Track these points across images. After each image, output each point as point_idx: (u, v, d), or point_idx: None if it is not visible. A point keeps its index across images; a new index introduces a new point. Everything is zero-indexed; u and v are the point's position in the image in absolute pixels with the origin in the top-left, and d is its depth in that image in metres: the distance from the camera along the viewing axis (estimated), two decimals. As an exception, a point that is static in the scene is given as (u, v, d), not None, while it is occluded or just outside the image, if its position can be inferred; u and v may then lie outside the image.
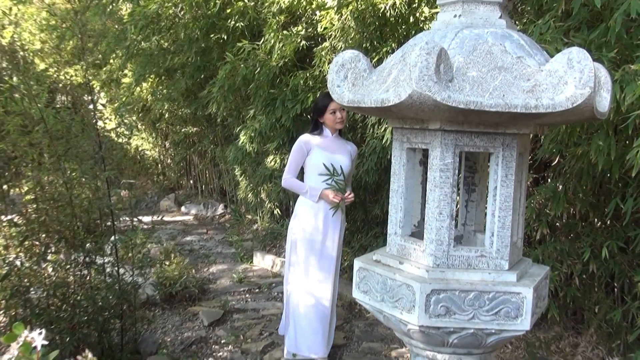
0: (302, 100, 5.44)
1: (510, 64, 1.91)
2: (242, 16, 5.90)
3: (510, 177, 2.06)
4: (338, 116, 3.85)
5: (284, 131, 6.00)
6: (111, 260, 4.26)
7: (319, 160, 3.83)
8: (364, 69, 2.17)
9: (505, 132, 2.02)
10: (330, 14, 4.96)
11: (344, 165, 3.85)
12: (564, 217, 4.26)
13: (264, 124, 5.97)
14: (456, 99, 1.79)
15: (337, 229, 3.96)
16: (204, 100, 7.28)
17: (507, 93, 1.83)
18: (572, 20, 3.18)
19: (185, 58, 7.10)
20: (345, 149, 3.93)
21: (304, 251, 3.92)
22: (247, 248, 7.50)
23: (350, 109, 2.23)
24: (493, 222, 2.08)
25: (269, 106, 5.89)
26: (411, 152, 2.22)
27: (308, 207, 3.90)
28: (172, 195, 10.90)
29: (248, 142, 6.27)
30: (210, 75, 7.31)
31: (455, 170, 2.05)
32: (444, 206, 2.05)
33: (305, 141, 3.88)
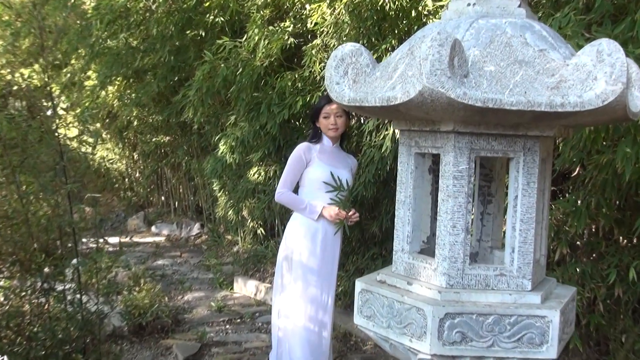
0: (290, 104, 5.43)
1: (532, 57, 1.92)
2: (223, 10, 5.90)
3: (533, 185, 2.06)
4: (331, 121, 3.79)
5: (270, 140, 5.98)
6: (73, 287, 4.19)
7: (320, 174, 3.79)
8: (366, 64, 2.16)
9: (526, 135, 2.02)
10: (321, 8, 4.97)
11: (345, 179, 3.83)
12: (586, 235, 4.27)
13: (246, 131, 5.95)
14: (473, 96, 1.79)
15: (337, 252, 3.93)
16: (179, 105, 7.25)
17: (530, 90, 1.83)
18: (594, 14, 3.20)
19: (158, 58, 7.09)
20: (346, 163, 3.91)
21: (298, 277, 3.86)
22: (227, 273, 7.44)
23: (351, 109, 2.22)
24: (514, 237, 2.08)
25: (252, 111, 5.87)
26: (420, 157, 2.21)
27: (304, 226, 3.85)
28: (141, 214, 10.81)
29: (228, 153, 6.24)
30: (185, 77, 7.29)
31: (470, 178, 2.04)
32: (458, 218, 2.03)
33: (306, 150, 3.84)
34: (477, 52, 1.92)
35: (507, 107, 1.80)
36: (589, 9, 3.36)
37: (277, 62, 5.70)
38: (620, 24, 3.06)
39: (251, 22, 5.49)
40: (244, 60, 5.55)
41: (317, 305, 3.88)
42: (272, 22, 5.63)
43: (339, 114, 3.77)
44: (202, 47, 6.26)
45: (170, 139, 9.71)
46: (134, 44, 7.43)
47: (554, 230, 4.16)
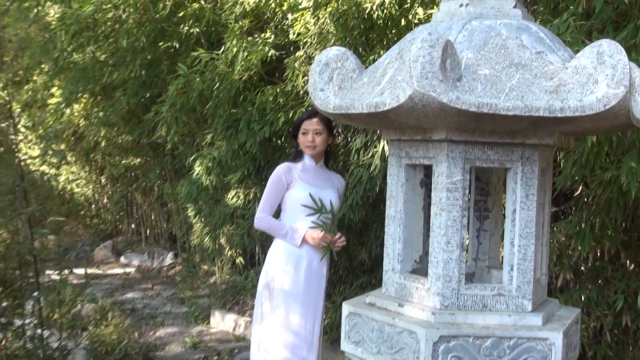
0: (271, 121, 5.45)
1: (529, 60, 1.95)
2: (198, 20, 5.93)
3: (532, 197, 2.07)
4: (308, 138, 3.77)
5: (249, 159, 5.99)
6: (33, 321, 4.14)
7: (302, 196, 3.75)
8: (352, 69, 2.18)
9: (524, 143, 2.04)
10: (304, 17, 5.02)
11: (332, 201, 3.80)
12: (590, 259, 4.29)
13: (224, 151, 5.96)
14: (466, 101, 1.81)
15: (323, 280, 3.89)
16: (150, 123, 7.24)
17: (527, 94, 1.86)
18: (595, 20, 3.27)
19: (128, 72, 7.09)
20: (332, 182, 3.88)
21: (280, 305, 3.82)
22: (203, 306, 7.38)
23: (336, 117, 2.23)
24: (512, 253, 2.09)
25: (230, 129, 5.88)
26: (411, 169, 2.23)
27: (286, 253, 3.81)
28: (109, 243, 10.73)
29: (204, 174, 6.22)
30: (158, 92, 7.30)
31: (465, 190, 2.05)
32: (453, 234, 2.04)
33: (286, 171, 3.81)
34: (470, 54, 1.95)
35: (503, 112, 1.82)
36: (589, 15, 3.42)
37: (257, 76, 5.73)
38: (623, 30, 3.12)
39: (229, 33, 5.53)
40: (222, 74, 5.57)
41: (300, 338, 3.82)
42: (251, 33, 5.67)
43: (318, 131, 3.75)
44: (176, 60, 6.27)
45: (141, 161, 9.69)
46: (102, 57, 7.44)
47: (556, 254, 4.17)
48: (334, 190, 3.84)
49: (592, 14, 3.33)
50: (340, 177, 4.06)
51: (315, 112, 3.65)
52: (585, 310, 4.07)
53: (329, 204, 3.73)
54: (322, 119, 3.68)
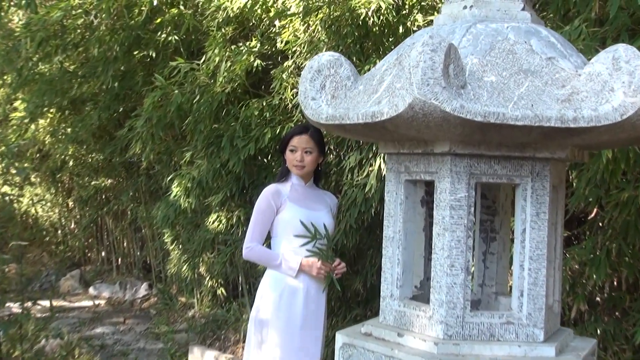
0: (256, 137, 5.45)
1: (539, 66, 1.97)
2: (177, 27, 5.96)
3: (543, 216, 2.08)
4: (297, 157, 3.73)
5: (233, 180, 5.98)
6: (-9, 356, 4.10)
7: (294, 220, 3.71)
8: (347, 77, 2.19)
9: (534, 157, 2.05)
10: (293, 24, 5.05)
11: (326, 223, 3.76)
12: (607, 289, 4.29)
13: (204, 170, 5.94)
14: (471, 110, 1.82)
15: (322, 309, 3.84)
16: (124, 140, 7.24)
17: (537, 102, 1.87)
18: (609, 27, 3.30)
19: (99, 84, 7.10)
20: (324, 202, 3.85)
21: (277, 347, 3.76)
22: (181, 342, 7.32)
23: (329, 129, 2.24)
24: (522, 277, 2.09)
25: (212, 146, 5.88)
26: (411, 185, 2.23)
27: (280, 285, 3.75)
28: (76, 272, 10.66)
29: (183, 196, 6.20)
30: (132, 106, 7.30)
31: (470, 208, 2.06)
32: (457, 256, 2.05)
33: (275, 194, 3.75)
34: (475, 60, 1.97)
35: (511, 122, 1.84)
36: (602, 22, 3.46)
37: (242, 88, 5.74)
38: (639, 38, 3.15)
39: (211, 41, 5.55)
40: (202, 86, 5.58)
41: None
42: (235, 41, 5.70)
43: (308, 150, 3.71)
44: (153, 70, 6.29)
45: (112, 182, 9.66)
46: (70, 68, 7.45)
47: (569, 282, 4.17)
48: (327, 210, 3.81)
49: (606, 21, 3.37)
50: (332, 195, 4.04)
51: (306, 128, 3.65)
52: (601, 344, 4.06)
53: (324, 228, 3.70)
54: (314, 136, 3.66)
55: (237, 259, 6.66)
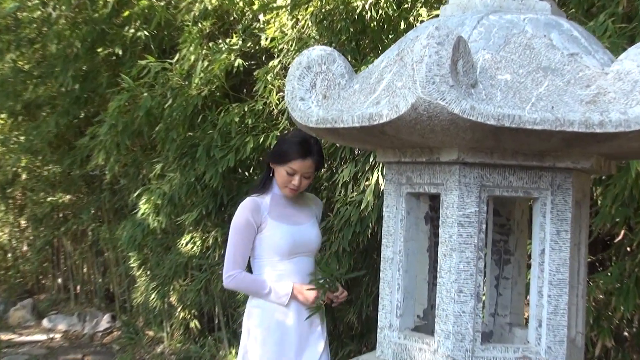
0: (236, 147, 5.44)
1: (561, 63, 1.97)
2: (147, 21, 5.95)
3: (564, 235, 2.07)
4: (294, 181, 3.66)
5: (209, 195, 5.96)
6: None
7: (277, 238, 3.65)
8: (340, 74, 2.19)
9: (555, 167, 2.04)
10: (280, 19, 5.05)
11: (313, 238, 3.76)
12: (636, 322, 4.29)
13: (177, 184, 5.93)
14: (483, 112, 1.81)
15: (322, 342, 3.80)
16: (84, 150, 7.21)
17: (558, 104, 1.86)
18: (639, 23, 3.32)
19: (58, 86, 7.09)
20: (308, 211, 3.84)
21: None
22: (148, 382, 7.28)
23: (320, 133, 2.23)
24: (540, 306, 2.08)
25: (185, 157, 5.87)
26: (413, 199, 2.22)
27: (268, 316, 3.72)
28: (28, 302, 10.60)
29: (152, 214, 6.18)
30: (95, 111, 7.29)
31: (481, 226, 2.05)
32: (466, 279, 2.03)
33: (254, 210, 3.68)
34: (488, 55, 1.96)
35: (528, 126, 1.83)
36: (630, 18, 3.47)
37: (220, 91, 5.74)
38: (673, 35, 3.17)
39: (185, 38, 5.55)
40: (176, 88, 5.57)
41: None
42: (213, 38, 5.70)
43: (308, 175, 3.69)
44: (119, 70, 6.28)
45: (71, 198, 9.63)
46: (25, 67, 7.43)
47: (593, 314, 4.17)
48: (312, 222, 3.78)
49: (635, 16, 3.38)
50: (316, 198, 4.01)
51: (310, 152, 3.54)
52: (629, 386, 4.06)
53: (313, 240, 3.71)
54: (316, 160, 3.58)
55: (214, 287, 6.63)
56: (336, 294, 3.66)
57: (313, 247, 3.76)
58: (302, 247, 3.71)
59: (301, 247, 3.71)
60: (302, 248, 3.71)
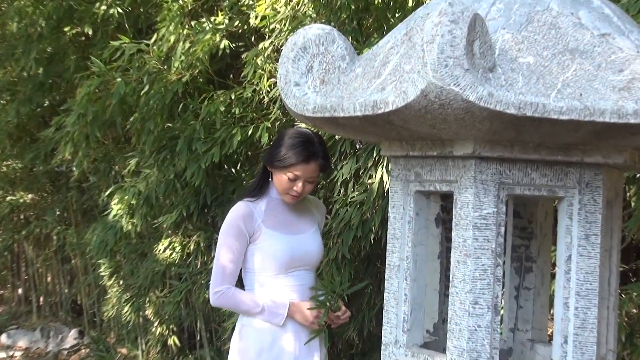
0: (222, 140, 5.43)
1: (590, 45, 1.97)
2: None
3: (594, 239, 2.07)
4: (297, 187, 3.58)
5: (190, 194, 5.96)
6: None
7: (274, 250, 3.60)
8: (341, 56, 2.19)
9: (583, 162, 2.05)
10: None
11: (314, 250, 3.71)
12: (675, 340, 4.30)
13: (154, 182, 5.92)
14: (503, 99, 1.81)
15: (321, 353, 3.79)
16: (49, 144, 7.20)
17: (588, 91, 1.86)
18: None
19: (19, 70, 7.07)
20: (309, 216, 3.76)
21: None
22: (120, 407, 7.29)
23: (318, 123, 2.23)
24: (566, 319, 2.08)
25: (164, 151, 5.86)
26: (423, 198, 2.22)
27: (261, 337, 3.70)
28: (-17, 316, 10.61)
29: (125, 216, 6.18)
30: (61, 99, 7.27)
31: (500, 228, 2.05)
32: (482, 289, 2.03)
33: (246, 217, 3.59)
34: (508, 35, 1.97)
35: (554, 115, 1.83)
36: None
37: (204, 77, 5.73)
38: None
39: (164, 16, 5.54)
40: (153, 73, 5.56)
41: None
42: (196, 16, 5.69)
43: (312, 179, 3.57)
44: (89, 52, 6.26)
45: (34, 197, 9.61)
46: (-21, 49, 7.42)
47: (625, 331, 4.18)
48: (314, 230, 3.72)
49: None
50: (316, 200, 3.96)
51: (314, 154, 3.43)
52: (665, 411, 4.07)
53: (314, 252, 3.68)
54: (322, 163, 3.49)
55: (195, 299, 6.62)
56: (338, 313, 3.62)
57: (314, 260, 3.72)
58: (302, 260, 3.65)
59: (300, 259, 3.65)
60: (302, 261, 3.66)
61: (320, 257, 3.79)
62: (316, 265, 3.78)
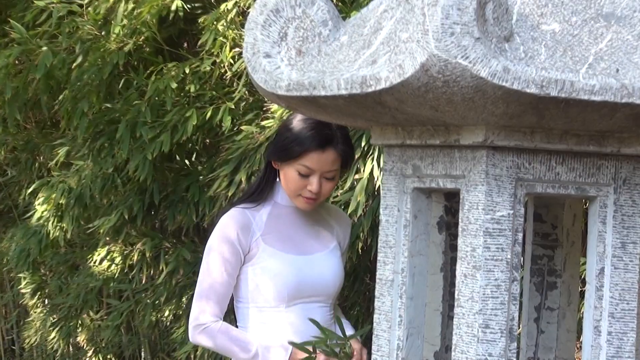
0: (173, 124, 5.43)
1: (630, 9, 1.98)
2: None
3: (632, 249, 2.09)
4: (312, 188, 3.42)
5: (134, 192, 5.96)
6: None
7: (275, 276, 3.50)
8: (322, 21, 2.19)
9: (619, 154, 2.06)
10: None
11: (329, 276, 3.57)
12: None
13: (89, 177, 5.92)
14: (521, 75, 1.82)
15: None
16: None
17: (626, 66, 1.88)
18: None
19: None
20: (326, 231, 3.60)
21: None
22: None
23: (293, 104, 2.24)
24: (598, 346, 2.10)
25: (101, 138, 5.86)
26: (422, 197, 2.24)
27: None
28: None
29: (52, 219, 6.18)
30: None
31: (517, 235, 2.06)
32: (494, 310, 2.05)
33: (242, 229, 3.41)
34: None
35: (584, 96, 1.84)
36: None
37: (151, 46, 5.74)
38: None
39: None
40: (88, 41, 5.56)
41: None
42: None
43: (330, 175, 3.44)
44: (6, 14, 6.25)
45: None
46: None
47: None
48: (331, 248, 3.58)
49: None
50: (338, 210, 3.86)
51: (331, 138, 3.33)
52: None
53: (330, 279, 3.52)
54: (342, 150, 3.37)
55: (139, 322, 6.63)
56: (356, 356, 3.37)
57: (329, 290, 3.56)
58: (312, 289, 3.49)
59: (311, 288, 3.49)
60: (312, 290, 3.49)
61: (339, 285, 3.61)
62: (332, 296, 3.59)
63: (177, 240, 6.28)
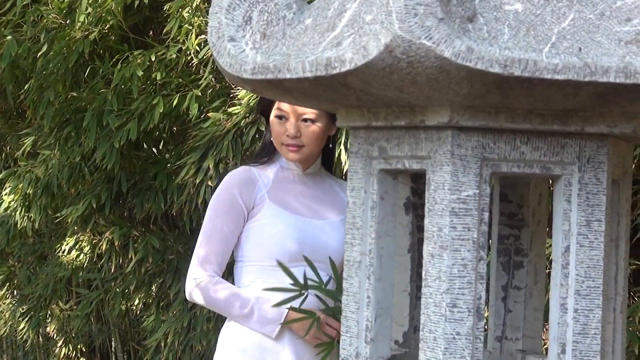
0: (140, 112, 5.43)
1: (591, -11, 1.99)
2: None
3: (597, 226, 2.10)
4: (290, 130, 3.40)
5: (101, 181, 5.95)
6: None
7: (278, 234, 3.43)
8: (286, 4, 2.19)
9: (583, 132, 2.07)
10: None
11: (333, 244, 3.51)
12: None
13: (55, 166, 5.91)
14: (485, 55, 1.83)
15: None
16: None
17: (588, 45, 1.89)
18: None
19: None
20: (336, 201, 3.56)
21: None
22: None
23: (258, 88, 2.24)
24: (564, 323, 2.10)
25: (67, 127, 5.84)
26: (388, 179, 2.24)
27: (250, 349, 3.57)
28: None
29: (20, 209, 6.16)
30: None
31: (483, 214, 2.07)
32: (462, 289, 2.05)
33: (245, 183, 3.36)
34: (491, -23, 1.98)
35: (547, 75, 1.85)
36: None
37: (117, 34, 5.72)
38: None
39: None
40: (53, 29, 5.54)
41: None
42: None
43: (313, 117, 3.45)
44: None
45: None
46: None
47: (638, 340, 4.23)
48: (340, 220, 3.57)
49: None
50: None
51: None
52: None
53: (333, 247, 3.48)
54: None
55: (109, 311, 6.62)
56: None
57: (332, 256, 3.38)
58: (314, 254, 3.41)
59: (313, 253, 3.42)
60: (314, 254, 3.41)
61: (341, 257, 3.19)
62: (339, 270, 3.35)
63: (146, 229, 6.29)
